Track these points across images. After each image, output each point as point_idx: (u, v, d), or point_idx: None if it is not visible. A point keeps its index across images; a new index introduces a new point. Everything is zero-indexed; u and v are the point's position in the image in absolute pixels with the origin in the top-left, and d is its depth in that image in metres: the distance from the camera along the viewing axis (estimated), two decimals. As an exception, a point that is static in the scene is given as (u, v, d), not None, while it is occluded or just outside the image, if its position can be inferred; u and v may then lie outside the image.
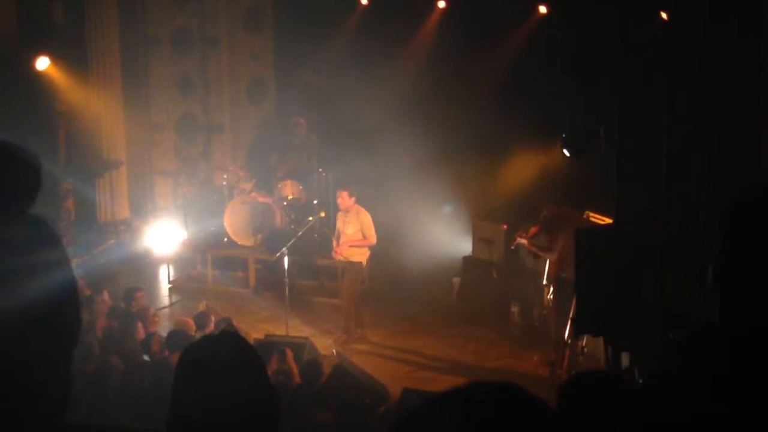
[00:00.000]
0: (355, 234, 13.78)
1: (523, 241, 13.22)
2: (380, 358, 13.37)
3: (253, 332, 13.22)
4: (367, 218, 13.78)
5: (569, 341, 11.99)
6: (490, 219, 15.77)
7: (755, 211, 2.18)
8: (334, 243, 14.05)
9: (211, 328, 11.62)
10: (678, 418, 2.02)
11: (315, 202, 16.77)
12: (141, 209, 18.47)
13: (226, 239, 16.85)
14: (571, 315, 11.27)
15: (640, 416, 2.10)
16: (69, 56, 16.53)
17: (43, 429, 1.93)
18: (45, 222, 2.05)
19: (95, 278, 13.84)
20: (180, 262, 17.11)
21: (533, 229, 13.15)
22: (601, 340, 10.71)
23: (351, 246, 13.81)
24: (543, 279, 13.24)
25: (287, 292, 13.78)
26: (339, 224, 14.14)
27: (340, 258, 14.09)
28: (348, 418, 8.63)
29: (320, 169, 17.40)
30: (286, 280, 13.82)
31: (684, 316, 8.82)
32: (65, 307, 2.05)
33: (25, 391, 1.91)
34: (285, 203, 16.95)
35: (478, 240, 15.72)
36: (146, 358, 11.07)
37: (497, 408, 1.75)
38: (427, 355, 13.48)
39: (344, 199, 13.83)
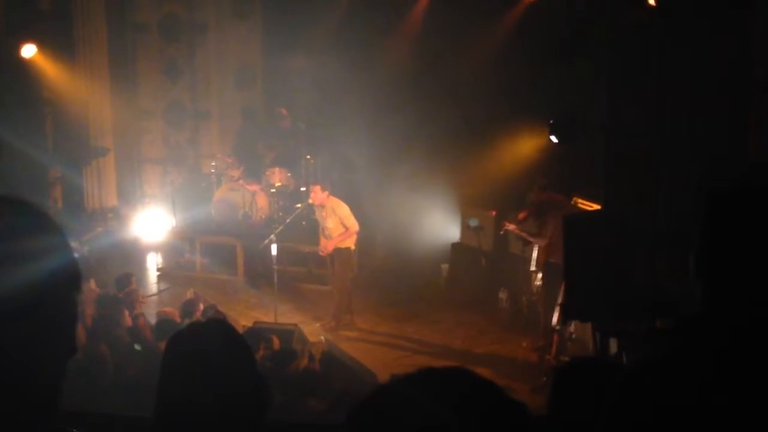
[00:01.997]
0: (336, 227, 13.76)
1: (512, 227, 13.22)
2: (369, 345, 13.38)
3: (242, 319, 13.22)
4: (343, 209, 13.75)
5: (558, 327, 12.02)
6: (479, 205, 15.78)
7: (730, 201, 2.18)
8: (322, 240, 14.03)
9: (197, 315, 11.61)
10: (660, 406, 2.03)
11: (303, 189, 16.76)
12: (129, 197, 18.43)
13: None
14: (559, 301, 11.30)
15: (622, 403, 2.11)
16: (56, 43, 16.46)
17: (35, 417, 1.91)
18: (33, 207, 2.00)
19: (83, 266, 13.76)
20: (168, 250, 17.08)
21: (522, 215, 13.15)
22: (589, 326, 10.75)
23: (336, 242, 13.79)
24: (531, 265, 13.26)
25: (276, 279, 13.79)
26: (318, 217, 14.14)
27: (327, 254, 14.09)
28: (341, 405, 8.66)
29: (308, 156, 17.39)
30: (275, 267, 13.82)
31: (672, 303, 8.84)
32: (57, 295, 2.01)
33: (10, 379, 1.89)
34: (273, 190, 16.93)
35: (466, 227, 15.73)
36: (137, 347, 11.06)
37: (448, 391, 1.76)
38: (416, 341, 13.50)
39: (317, 194, 13.80)
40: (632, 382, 2.14)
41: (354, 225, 13.76)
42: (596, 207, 12.25)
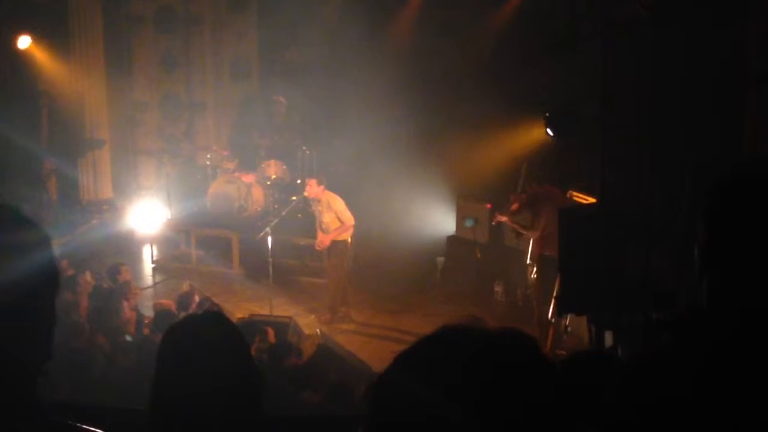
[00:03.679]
0: (332, 221, 13.75)
1: (504, 218, 13.21)
2: (364, 337, 13.40)
3: (237, 312, 13.23)
4: (338, 204, 13.75)
5: (553, 320, 12.02)
6: (474, 198, 15.79)
7: (733, 193, 2.17)
8: (319, 234, 14.01)
9: (193, 308, 11.61)
10: (660, 399, 2.02)
11: (299, 181, 16.75)
12: (124, 189, 18.42)
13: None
14: (554, 294, 11.30)
15: (622, 396, 2.10)
16: (51, 35, 16.43)
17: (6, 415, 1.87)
18: (8, 206, 1.94)
19: (78, 258, 13.81)
20: (163, 242, 17.07)
21: (514, 206, 13.15)
22: (584, 319, 10.75)
23: (333, 237, 13.78)
24: (527, 258, 13.27)
25: (271, 272, 13.79)
26: (315, 212, 14.13)
27: (323, 248, 14.06)
28: (336, 397, 8.67)
29: (304, 148, 17.38)
30: (270, 259, 13.83)
31: (668, 295, 8.85)
32: (33, 294, 1.95)
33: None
34: (269, 182, 16.92)
35: (462, 219, 15.74)
36: (128, 338, 11.07)
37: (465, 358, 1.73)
38: (411, 333, 13.46)
39: (312, 188, 13.79)
40: (633, 375, 2.14)
41: (350, 219, 13.76)
42: (592, 200, 12.26)
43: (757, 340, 2.02)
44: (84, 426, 2.35)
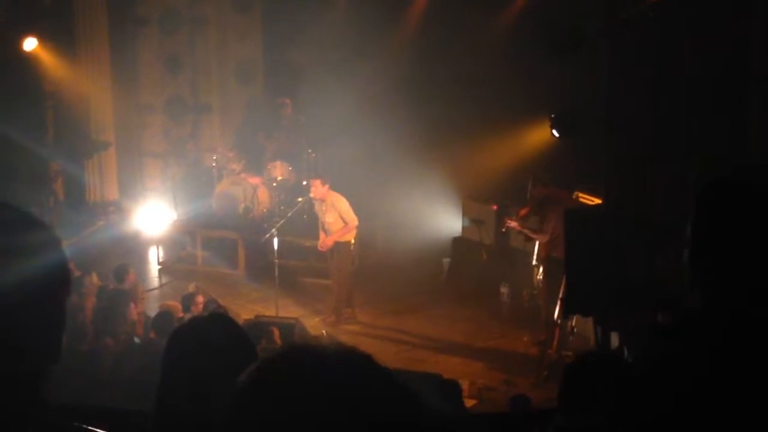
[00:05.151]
0: (335, 222, 13.74)
1: (513, 224, 13.19)
2: (370, 339, 13.38)
3: (243, 313, 13.23)
4: (342, 204, 13.74)
5: (559, 321, 12.01)
6: (480, 199, 15.78)
7: (723, 197, 2.18)
8: (321, 235, 14.01)
9: (198, 309, 11.61)
10: (663, 404, 2.03)
11: (304, 182, 16.74)
12: (130, 190, 18.42)
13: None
14: (560, 295, 11.29)
15: (627, 402, 2.11)
16: (57, 37, 16.45)
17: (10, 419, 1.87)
18: (17, 207, 1.94)
19: (84, 259, 13.82)
20: (169, 244, 17.06)
21: (523, 211, 13.14)
22: (590, 320, 10.75)
23: (336, 238, 13.78)
24: (533, 259, 13.25)
25: (277, 273, 13.79)
26: (317, 212, 14.12)
27: (326, 249, 14.05)
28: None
29: (309, 150, 17.38)
30: (276, 261, 13.83)
31: (673, 296, 8.84)
32: (44, 295, 1.95)
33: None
34: (274, 184, 16.92)
35: (467, 221, 15.75)
36: (136, 340, 11.08)
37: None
38: (417, 335, 13.49)
39: (317, 188, 13.78)
40: (636, 381, 2.14)
41: (353, 220, 13.75)
42: (597, 201, 12.26)
43: (749, 343, 2.03)
44: (90, 428, 2.36)
